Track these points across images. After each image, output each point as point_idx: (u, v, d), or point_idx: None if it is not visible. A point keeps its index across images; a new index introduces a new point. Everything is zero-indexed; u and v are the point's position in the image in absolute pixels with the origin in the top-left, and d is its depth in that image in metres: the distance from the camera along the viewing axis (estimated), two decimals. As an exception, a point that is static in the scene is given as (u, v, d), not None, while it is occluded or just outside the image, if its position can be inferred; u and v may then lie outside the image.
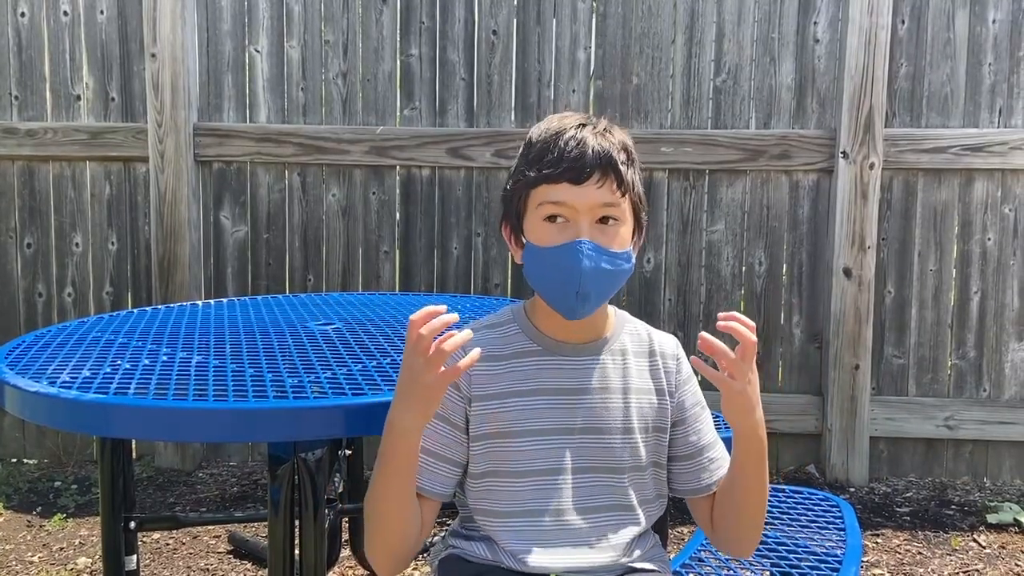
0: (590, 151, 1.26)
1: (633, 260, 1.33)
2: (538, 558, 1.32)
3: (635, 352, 1.40)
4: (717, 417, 2.59)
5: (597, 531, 1.35)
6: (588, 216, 1.27)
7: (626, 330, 1.42)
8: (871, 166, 3.36)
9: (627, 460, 1.36)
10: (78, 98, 3.60)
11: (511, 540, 1.33)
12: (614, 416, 1.36)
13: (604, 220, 1.29)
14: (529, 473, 1.33)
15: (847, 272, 3.40)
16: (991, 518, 3.17)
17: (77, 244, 3.65)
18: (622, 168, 1.28)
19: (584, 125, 1.30)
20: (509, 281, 3.56)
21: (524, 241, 1.33)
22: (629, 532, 1.37)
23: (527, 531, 1.33)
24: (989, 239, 3.45)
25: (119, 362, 1.74)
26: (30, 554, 2.88)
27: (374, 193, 3.57)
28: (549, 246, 1.28)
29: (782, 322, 3.54)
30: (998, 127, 3.41)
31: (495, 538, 1.35)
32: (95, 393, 1.50)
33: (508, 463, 1.33)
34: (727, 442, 2.42)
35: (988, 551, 2.95)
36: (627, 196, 1.30)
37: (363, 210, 3.57)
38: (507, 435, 1.33)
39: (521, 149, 1.35)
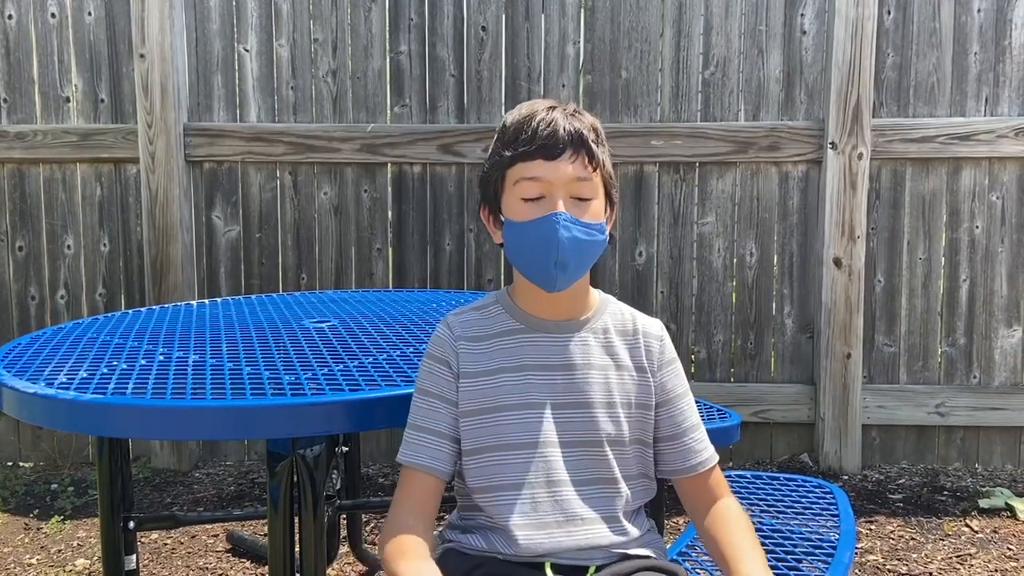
0: (561, 129, 1.33)
1: (607, 233, 1.39)
2: (532, 534, 1.35)
3: (617, 331, 1.44)
4: (699, 403, 2.62)
5: (587, 503, 1.38)
6: (563, 190, 1.33)
7: (609, 311, 1.46)
8: (859, 156, 3.38)
9: (609, 434, 1.40)
10: (67, 100, 3.60)
11: (506, 514, 1.36)
12: (596, 390, 1.40)
13: (580, 198, 1.34)
14: (518, 446, 1.37)
15: (837, 262, 3.42)
16: (983, 503, 3.20)
17: (69, 246, 3.65)
18: (592, 145, 1.34)
19: (554, 108, 1.37)
20: (502, 276, 3.57)
21: (503, 220, 1.38)
22: (617, 505, 1.40)
23: (521, 504, 1.36)
24: (977, 227, 3.48)
25: (116, 362, 1.75)
26: (28, 556, 2.88)
27: (366, 191, 3.57)
28: (528, 220, 1.33)
29: (774, 313, 3.56)
30: (985, 116, 3.44)
31: (491, 513, 1.38)
32: (93, 393, 1.50)
33: (497, 437, 1.37)
34: (712, 433, 2.45)
35: (980, 535, 2.98)
36: (598, 171, 1.36)
37: (355, 208, 3.58)
38: (495, 409, 1.38)
39: (496, 135, 1.41)
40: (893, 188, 3.48)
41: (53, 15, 3.56)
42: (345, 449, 2.54)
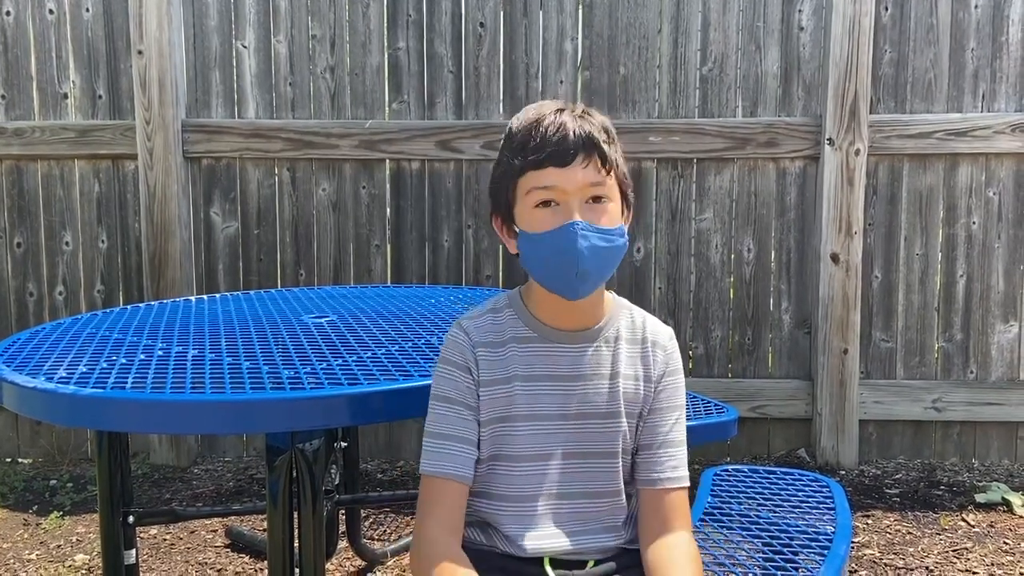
0: (571, 133, 1.28)
1: (626, 236, 1.35)
2: (533, 542, 1.36)
3: (627, 339, 1.42)
4: (697, 398, 2.62)
5: (588, 515, 1.39)
6: (578, 197, 1.28)
7: (622, 316, 1.44)
8: (857, 152, 3.39)
9: (617, 444, 1.39)
10: (65, 96, 3.60)
11: (507, 523, 1.37)
12: (604, 400, 1.38)
13: (595, 199, 1.30)
14: (526, 458, 1.37)
15: (834, 258, 3.43)
16: (980, 498, 3.21)
17: (67, 243, 3.65)
18: (604, 147, 1.29)
19: (562, 110, 1.32)
20: (501, 272, 3.58)
21: (517, 230, 1.34)
22: (617, 514, 1.41)
23: (522, 515, 1.37)
24: (974, 222, 3.49)
25: (115, 357, 1.75)
26: (27, 552, 2.89)
27: (364, 187, 3.57)
28: (544, 231, 1.29)
29: (771, 308, 3.57)
30: (981, 111, 3.45)
31: (491, 521, 1.38)
32: (93, 388, 1.51)
33: (509, 447, 1.37)
34: (710, 428, 2.43)
35: (977, 530, 2.99)
36: (612, 173, 1.32)
37: (353, 204, 3.58)
38: (509, 419, 1.36)
39: (503, 141, 1.37)
40: (890, 184, 3.49)
41: (51, 11, 3.57)
42: (344, 444, 2.55)
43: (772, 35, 3.47)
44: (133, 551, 1.98)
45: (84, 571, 2.75)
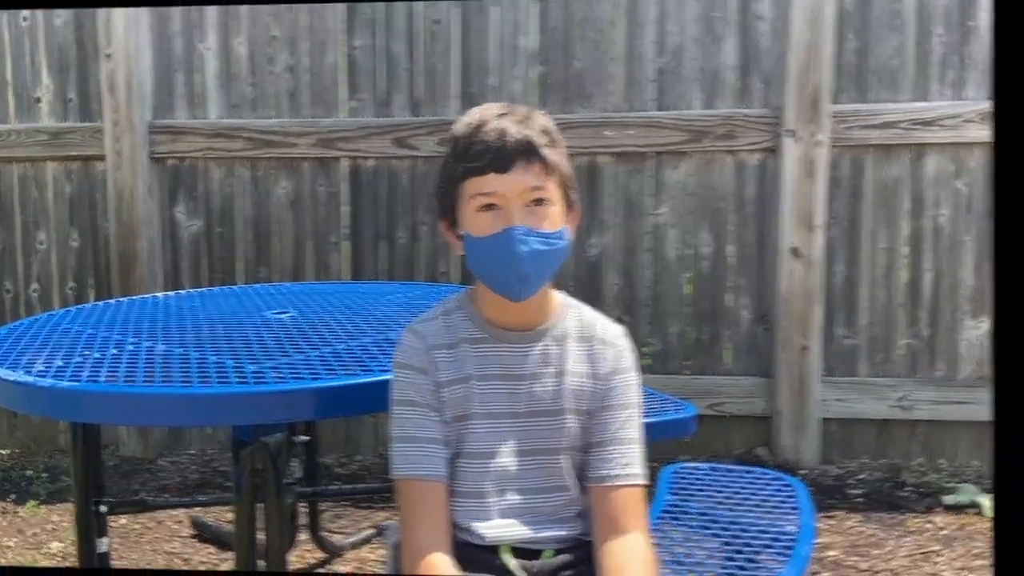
0: (511, 139, 1.42)
1: (568, 238, 1.51)
2: (491, 531, 1.53)
3: (576, 337, 1.57)
4: (654, 395, 2.71)
5: (542, 510, 1.56)
6: (518, 201, 1.44)
7: (571, 315, 1.59)
8: (818, 144, 3.68)
9: (565, 440, 1.56)
10: (38, 100, 4.18)
11: (464, 518, 1.55)
12: (552, 398, 1.55)
13: (536, 202, 1.45)
14: (482, 455, 1.55)
15: (794, 252, 3.75)
16: (949, 499, 3.38)
17: (41, 242, 4.18)
18: (544, 151, 1.44)
19: (504, 114, 1.46)
20: (456, 269, 4.02)
21: (461, 233, 1.51)
22: (571, 509, 1.59)
23: (479, 510, 1.54)
24: (942, 215, 3.74)
25: (89, 352, 1.98)
26: (6, 539, 3.43)
27: (322, 185, 4.06)
28: (486, 235, 1.45)
29: (730, 304, 3.88)
30: (950, 100, 3.67)
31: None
32: (69, 381, 1.73)
33: (466, 445, 1.55)
34: (667, 425, 2.56)
35: (946, 532, 3.17)
36: (554, 176, 1.46)
37: (311, 202, 4.08)
38: (466, 417, 1.55)
39: (449, 145, 1.52)
40: (853, 176, 3.78)
41: (25, 18, 4.16)
42: (305, 438, 2.81)
43: (730, 26, 3.80)
44: (105, 539, 2.25)
45: (59, 558, 3.16)
